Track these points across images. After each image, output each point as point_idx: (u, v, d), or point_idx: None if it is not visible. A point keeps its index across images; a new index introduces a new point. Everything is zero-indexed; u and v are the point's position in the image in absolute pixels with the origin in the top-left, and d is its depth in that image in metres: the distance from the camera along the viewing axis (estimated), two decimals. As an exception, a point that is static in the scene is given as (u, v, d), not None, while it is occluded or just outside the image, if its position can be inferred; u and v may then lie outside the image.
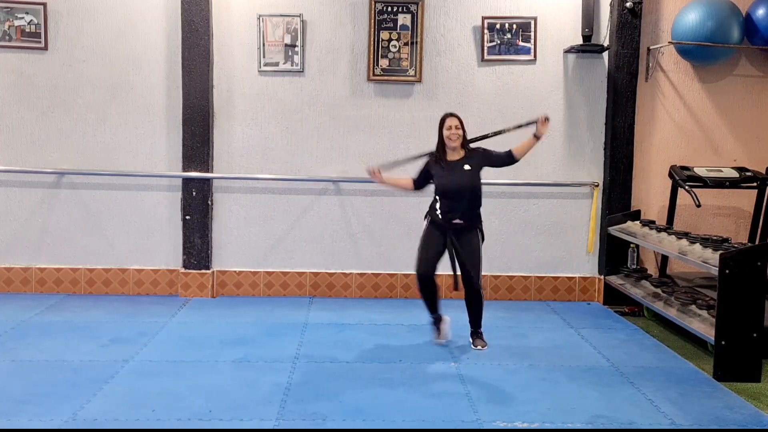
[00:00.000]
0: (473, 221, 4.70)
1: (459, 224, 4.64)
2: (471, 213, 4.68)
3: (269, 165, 6.00)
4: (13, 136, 5.91)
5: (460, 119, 4.67)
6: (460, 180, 4.62)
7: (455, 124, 4.63)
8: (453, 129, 4.62)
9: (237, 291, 6.06)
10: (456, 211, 4.62)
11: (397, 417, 3.61)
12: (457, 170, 4.64)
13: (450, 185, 4.62)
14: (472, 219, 4.68)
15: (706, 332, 4.45)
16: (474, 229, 4.70)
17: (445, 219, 4.64)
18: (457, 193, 4.61)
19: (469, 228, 4.68)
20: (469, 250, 4.65)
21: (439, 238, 4.66)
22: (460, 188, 4.62)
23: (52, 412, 3.58)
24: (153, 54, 5.91)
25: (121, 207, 5.98)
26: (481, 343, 4.80)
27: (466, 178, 4.63)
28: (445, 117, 4.68)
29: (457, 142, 4.64)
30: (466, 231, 4.67)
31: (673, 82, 6.10)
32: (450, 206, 4.62)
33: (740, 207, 6.19)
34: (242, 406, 3.71)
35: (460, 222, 4.64)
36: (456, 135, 4.63)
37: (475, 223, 4.71)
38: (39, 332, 4.89)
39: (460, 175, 4.63)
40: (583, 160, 6.10)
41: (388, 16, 5.89)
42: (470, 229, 4.68)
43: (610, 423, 3.61)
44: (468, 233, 4.67)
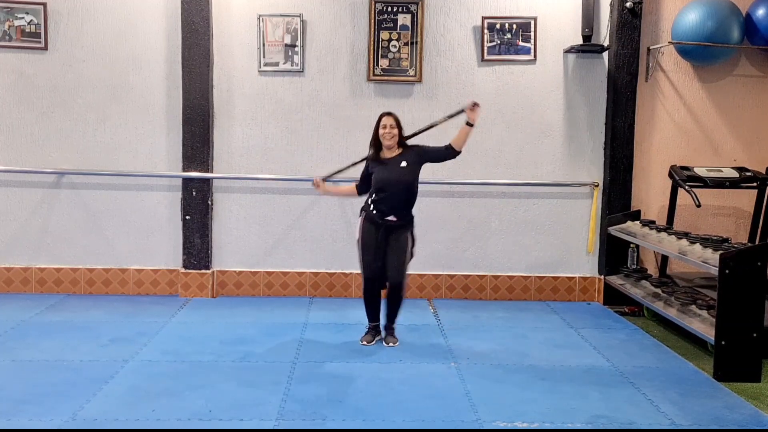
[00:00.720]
0: (406, 220, 4.73)
1: (392, 222, 4.65)
2: (404, 211, 4.70)
3: (269, 165, 6.00)
4: (13, 136, 5.91)
5: (396, 118, 4.70)
6: (396, 176, 4.64)
7: (390, 123, 4.66)
8: (388, 128, 4.65)
9: (237, 291, 6.06)
10: (390, 207, 4.64)
11: (397, 417, 3.61)
12: (393, 167, 4.66)
13: (385, 181, 4.63)
14: (405, 218, 4.71)
15: (706, 332, 4.45)
16: (406, 229, 4.73)
17: (379, 215, 4.65)
18: (392, 190, 4.62)
19: (401, 227, 4.70)
20: (397, 248, 4.67)
21: (375, 236, 4.66)
22: (395, 184, 4.63)
23: (52, 412, 3.58)
24: (153, 54, 5.91)
25: (121, 207, 5.99)
26: (393, 341, 4.81)
27: (402, 175, 4.65)
28: (381, 116, 4.71)
29: (392, 140, 4.66)
30: (398, 230, 4.68)
31: (673, 82, 6.10)
32: (385, 203, 4.63)
33: (740, 207, 6.19)
34: (242, 406, 3.71)
35: (394, 220, 4.65)
36: (390, 134, 4.64)
37: (408, 223, 4.74)
38: (39, 332, 4.89)
39: (396, 172, 4.65)
40: (583, 160, 6.10)
41: (388, 16, 5.90)
42: (402, 228, 4.70)
43: (610, 423, 3.61)
44: (399, 232, 4.69)
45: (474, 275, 6.10)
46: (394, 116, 4.70)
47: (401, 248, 4.69)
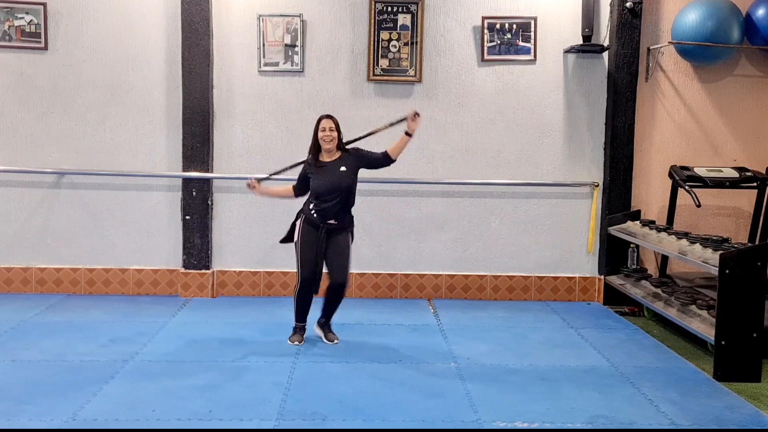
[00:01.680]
0: (345, 222, 4.71)
1: (332, 224, 4.64)
2: (344, 214, 4.69)
3: (269, 165, 5.98)
4: (13, 136, 5.91)
5: (335, 121, 4.66)
6: (335, 181, 4.60)
7: (330, 126, 4.63)
8: (327, 131, 4.61)
9: (237, 291, 6.06)
10: (329, 211, 4.62)
11: (397, 417, 3.61)
12: (332, 171, 4.63)
13: (324, 186, 4.60)
14: (344, 220, 4.70)
15: (706, 332, 4.45)
16: (346, 230, 4.72)
17: (319, 218, 4.63)
18: (331, 194, 4.60)
19: (341, 228, 4.69)
20: (339, 249, 4.66)
21: (315, 237, 4.63)
22: (334, 189, 4.60)
23: (52, 412, 3.58)
24: (153, 54, 5.91)
25: (121, 207, 5.99)
26: (334, 337, 4.83)
27: (341, 179, 4.62)
28: (321, 119, 4.67)
29: (331, 144, 4.63)
30: (338, 231, 4.68)
31: (673, 82, 6.10)
32: (323, 206, 4.61)
33: (740, 207, 6.19)
34: (242, 406, 3.71)
35: (333, 222, 4.65)
36: (330, 137, 4.61)
37: (347, 224, 4.73)
38: (39, 332, 4.89)
39: (335, 176, 4.62)
40: (583, 160, 6.10)
41: (388, 16, 5.90)
42: (342, 229, 4.69)
43: (610, 423, 3.61)
44: (339, 233, 4.68)
45: (474, 275, 6.10)
46: (333, 119, 4.66)
47: (343, 248, 4.68)
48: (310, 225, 4.66)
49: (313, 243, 4.63)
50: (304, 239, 4.66)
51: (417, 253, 6.10)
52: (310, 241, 4.64)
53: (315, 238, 4.63)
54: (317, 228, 4.63)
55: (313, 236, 4.63)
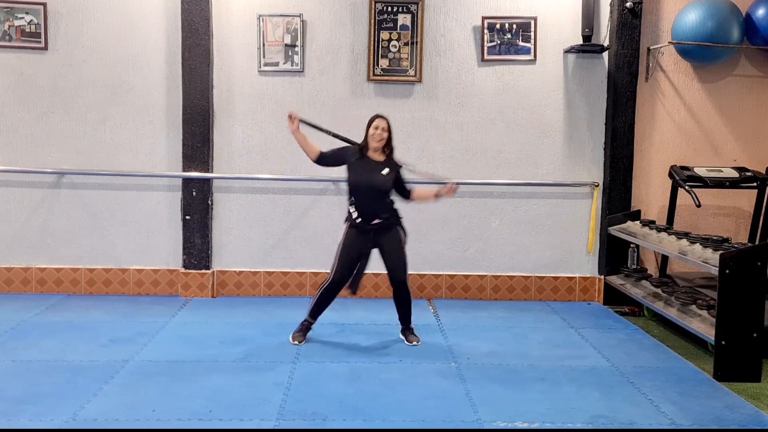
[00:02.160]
0: (391, 218, 4.72)
1: (377, 224, 4.66)
2: (386, 210, 4.70)
3: (269, 165, 6.00)
4: (13, 136, 5.91)
5: (389, 124, 4.69)
6: (376, 180, 4.63)
7: (383, 126, 4.66)
8: (380, 130, 4.64)
9: (237, 291, 6.06)
10: (370, 209, 4.63)
11: (397, 417, 3.61)
12: (375, 170, 4.65)
13: (364, 182, 4.63)
14: (389, 216, 4.71)
15: (706, 332, 4.45)
16: (394, 226, 4.73)
17: (364, 221, 4.64)
18: (369, 192, 4.63)
19: (389, 226, 4.70)
20: (392, 248, 4.68)
21: (359, 243, 4.66)
22: (372, 187, 4.63)
23: (52, 412, 3.58)
24: (153, 54, 5.91)
25: (121, 207, 5.99)
26: (416, 339, 4.83)
27: (382, 181, 4.64)
28: (375, 117, 4.70)
29: (380, 143, 4.65)
30: (386, 230, 4.69)
31: (673, 82, 6.10)
32: (363, 204, 4.63)
33: (740, 207, 6.19)
34: (242, 406, 3.71)
35: (378, 222, 4.66)
36: (380, 136, 4.64)
37: (394, 220, 4.74)
38: (39, 332, 4.89)
39: (377, 176, 4.64)
40: (583, 160, 6.10)
41: (388, 16, 5.90)
42: (390, 227, 4.70)
43: (610, 423, 3.61)
44: (388, 232, 4.69)
45: (474, 275, 6.10)
46: (387, 120, 4.70)
47: (397, 246, 4.70)
48: (355, 229, 4.68)
49: (355, 246, 4.66)
50: (347, 242, 4.69)
51: (417, 253, 6.08)
52: (353, 245, 4.67)
53: (360, 242, 4.66)
54: (364, 232, 4.65)
55: (357, 240, 4.66)
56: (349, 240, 4.69)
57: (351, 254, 4.68)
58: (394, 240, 4.71)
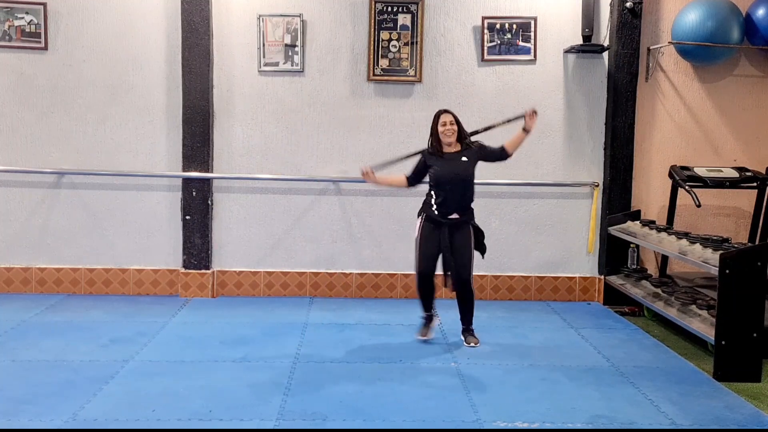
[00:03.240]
0: (467, 215, 4.76)
1: (455, 219, 4.68)
2: (466, 206, 4.74)
3: (269, 165, 6.00)
4: (13, 136, 5.91)
5: (454, 115, 4.72)
6: (458, 170, 4.68)
7: (450, 120, 4.69)
8: (448, 125, 4.68)
9: (237, 291, 6.06)
10: (452, 203, 4.67)
11: (397, 417, 3.61)
12: (454, 161, 4.70)
13: (447, 175, 4.66)
14: (466, 213, 4.74)
15: (706, 332, 4.45)
16: (467, 224, 4.76)
17: (441, 214, 4.68)
18: (454, 184, 4.66)
19: (464, 223, 4.73)
20: (462, 246, 4.71)
21: (436, 235, 4.70)
22: (456, 178, 4.67)
23: (52, 412, 3.58)
24: (153, 54, 5.91)
25: (121, 207, 5.98)
26: (474, 341, 4.85)
27: (463, 169, 4.69)
28: (440, 113, 4.73)
29: (452, 137, 4.69)
30: (461, 226, 4.72)
31: (673, 82, 6.10)
32: (446, 197, 4.66)
33: (740, 207, 6.19)
34: (242, 406, 3.71)
35: (456, 217, 4.68)
36: (451, 131, 4.68)
37: (469, 218, 4.77)
38: (39, 332, 4.89)
39: (458, 166, 4.68)
40: (583, 160, 6.10)
41: (388, 16, 5.90)
42: (464, 224, 4.74)
43: (610, 423, 3.61)
44: (462, 229, 4.72)
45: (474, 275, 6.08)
46: (452, 113, 4.72)
47: (465, 246, 4.72)
48: (430, 222, 4.71)
49: (431, 240, 4.69)
50: (424, 234, 4.72)
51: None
52: (430, 237, 4.70)
53: (436, 234, 4.68)
54: (438, 225, 4.68)
55: (432, 234, 4.69)
56: (425, 232, 4.73)
57: (430, 245, 4.71)
58: (465, 239, 4.73)
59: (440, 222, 4.69)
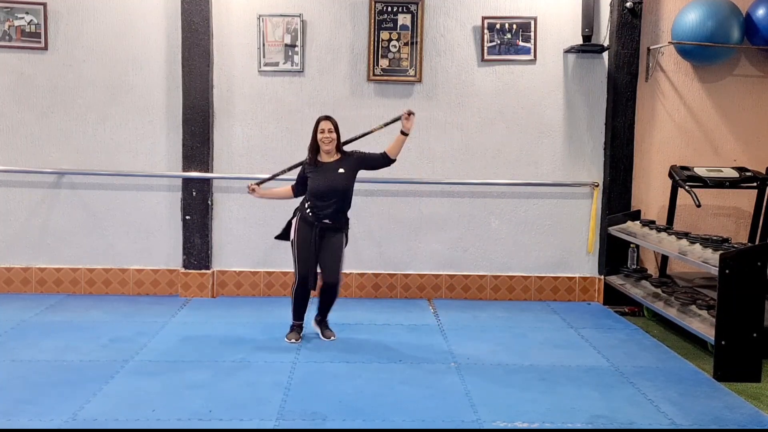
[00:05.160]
0: (341, 223, 4.76)
1: (327, 224, 4.69)
2: (340, 215, 4.73)
3: (269, 165, 5.99)
4: (13, 136, 5.91)
5: (334, 123, 4.71)
6: (333, 182, 4.65)
7: (329, 127, 4.67)
8: (326, 132, 4.66)
9: (237, 291, 6.06)
10: (326, 211, 4.66)
11: (397, 417, 3.61)
12: (330, 173, 4.68)
13: (322, 187, 4.65)
14: (339, 220, 4.74)
15: (706, 332, 4.45)
16: (340, 230, 4.76)
17: (313, 217, 4.67)
18: (329, 195, 4.65)
19: (336, 229, 4.73)
20: (332, 250, 4.70)
21: (311, 236, 4.67)
22: (331, 190, 4.65)
23: (52, 412, 3.58)
24: (153, 54, 5.91)
25: (121, 207, 5.99)
26: (331, 334, 4.88)
27: (339, 181, 4.67)
28: (320, 120, 4.72)
29: (330, 145, 4.68)
30: (332, 231, 4.72)
31: (673, 82, 6.10)
32: (320, 207, 4.66)
33: (740, 207, 6.19)
34: (242, 406, 3.71)
35: (328, 222, 4.69)
36: (329, 138, 4.66)
37: (342, 226, 4.77)
38: (39, 332, 4.89)
39: (334, 178, 4.66)
40: (583, 160, 6.10)
41: (388, 16, 5.90)
42: (337, 230, 4.74)
43: (610, 423, 3.61)
44: (333, 234, 4.72)
45: (474, 275, 6.10)
46: (332, 120, 4.70)
47: (336, 249, 4.72)
48: (305, 223, 4.70)
49: (308, 242, 4.67)
50: (301, 239, 4.69)
51: (417, 253, 6.09)
52: (306, 240, 4.67)
53: (309, 236, 4.67)
54: (311, 226, 4.67)
55: (308, 235, 4.67)
56: (301, 234, 4.68)
57: (307, 248, 4.67)
58: (336, 242, 4.72)
59: (312, 223, 4.67)
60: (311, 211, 4.67)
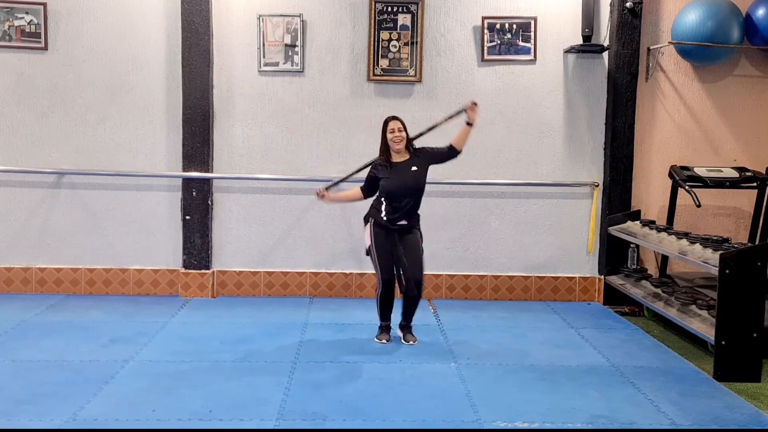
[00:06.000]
0: (414, 221, 4.78)
1: (403, 225, 4.71)
2: (414, 213, 4.76)
3: (269, 165, 6.00)
4: (13, 136, 5.91)
5: (402, 122, 4.73)
6: (408, 181, 4.68)
7: (398, 126, 4.69)
8: (396, 132, 4.68)
9: (237, 291, 6.06)
10: (401, 212, 4.68)
11: (397, 417, 3.61)
12: (404, 172, 4.70)
13: (397, 187, 4.67)
14: (413, 218, 4.77)
15: (706, 332, 4.45)
16: (415, 228, 4.79)
17: (389, 221, 4.68)
18: (404, 195, 4.67)
19: (411, 227, 4.76)
20: (412, 248, 4.72)
21: (389, 240, 4.70)
22: (406, 189, 4.67)
23: (52, 412, 3.58)
24: (153, 54, 5.91)
25: (121, 207, 5.99)
26: (413, 339, 4.87)
27: (413, 179, 4.70)
28: (388, 120, 4.74)
29: (401, 144, 4.69)
30: (408, 230, 4.75)
31: (673, 82, 6.10)
32: (395, 207, 4.67)
33: (740, 207, 6.19)
34: (242, 406, 3.71)
35: (404, 223, 4.71)
36: (399, 137, 4.68)
37: (416, 223, 4.80)
38: (39, 332, 4.89)
39: (408, 177, 4.69)
40: (583, 160, 6.10)
41: (388, 16, 5.90)
42: (412, 228, 4.77)
43: (610, 423, 3.61)
44: (409, 232, 4.75)
45: (474, 275, 6.10)
46: (400, 120, 4.73)
47: (416, 246, 4.74)
48: (380, 228, 4.72)
49: (387, 247, 4.70)
50: (378, 243, 4.71)
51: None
52: (384, 244, 4.70)
53: (388, 240, 4.69)
54: (387, 230, 4.69)
55: (385, 239, 4.70)
56: (378, 240, 4.71)
57: (386, 252, 4.70)
58: (414, 240, 4.75)
59: (389, 228, 4.70)
60: (386, 214, 4.69)
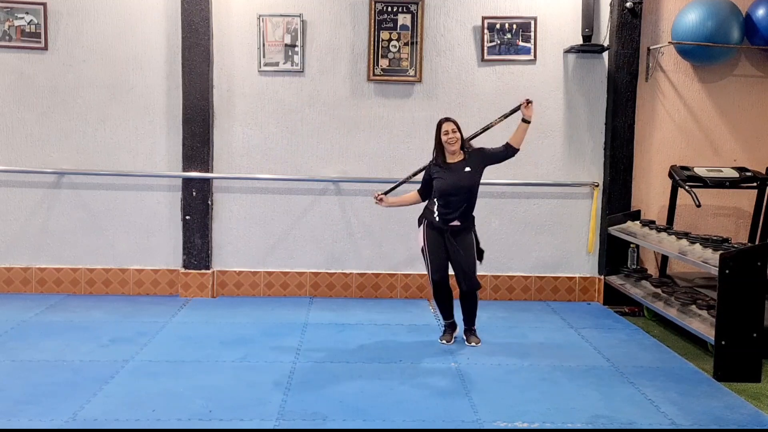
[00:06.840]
0: (469, 222, 4.76)
1: (456, 226, 4.68)
2: (467, 214, 4.74)
3: (269, 165, 6.00)
4: (13, 136, 5.91)
5: (455, 123, 4.71)
6: (462, 182, 4.67)
7: (452, 128, 4.68)
8: (450, 133, 4.67)
9: (237, 291, 6.06)
10: (454, 212, 4.67)
11: (397, 417, 3.61)
12: (458, 172, 4.69)
13: (451, 187, 4.66)
14: (467, 220, 4.75)
15: (706, 332, 4.45)
16: (468, 229, 4.76)
17: (442, 221, 4.68)
18: (457, 195, 4.66)
19: (465, 229, 4.74)
20: (465, 250, 4.71)
21: (441, 241, 4.70)
22: (460, 190, 4.66)
23: (52, 412, 3.58)
24: (153, 54, 5.91)
25: (121, 207, 5.98)
26: (476, 340, 4.87)
27: (467, 180, 4.69)
28: (442, 122, 4.73)
29: (455, 145, 4.68)
30: (462, 232, 4.72)
31: (673, 82, 6.10)
32: (449, 208, 4.66)
33: (740, 207, 6.19)
34: (242, 406, 3.71)
35: (458, 224, 4.69)
36: (454, 138, 4.68)
37: (470, 224, 4.78)
38: (39, 332, 4.89)
39: (462, 177, 4.68)
40: (583, 160, 6.10)
41: (388, 16, 5.90)
42: (465, 229, 4.74)
43: (610, 423, 3.61)
44: (463, 234, 4.73)
45: (474, 275, 6.10)
46: (453, 121, 4.71)
47: (468, 251, 4.72)
48: (432, 229, 4.72)
49: (440, 247, 4.70)
50: (431, 245, 4.72)
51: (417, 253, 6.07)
52: (436, 245, 4.71)
53: (441, 241, 4.69)
54: (440, 231, 4.69)
55: (438, 241, 4.70)
56: (430, 241, 4.72)
57: (438, 253, 4.71)
58: (467, 243, 4.72)
59: (442, 228, 4.70)
60: (439, 215, 4.68)
